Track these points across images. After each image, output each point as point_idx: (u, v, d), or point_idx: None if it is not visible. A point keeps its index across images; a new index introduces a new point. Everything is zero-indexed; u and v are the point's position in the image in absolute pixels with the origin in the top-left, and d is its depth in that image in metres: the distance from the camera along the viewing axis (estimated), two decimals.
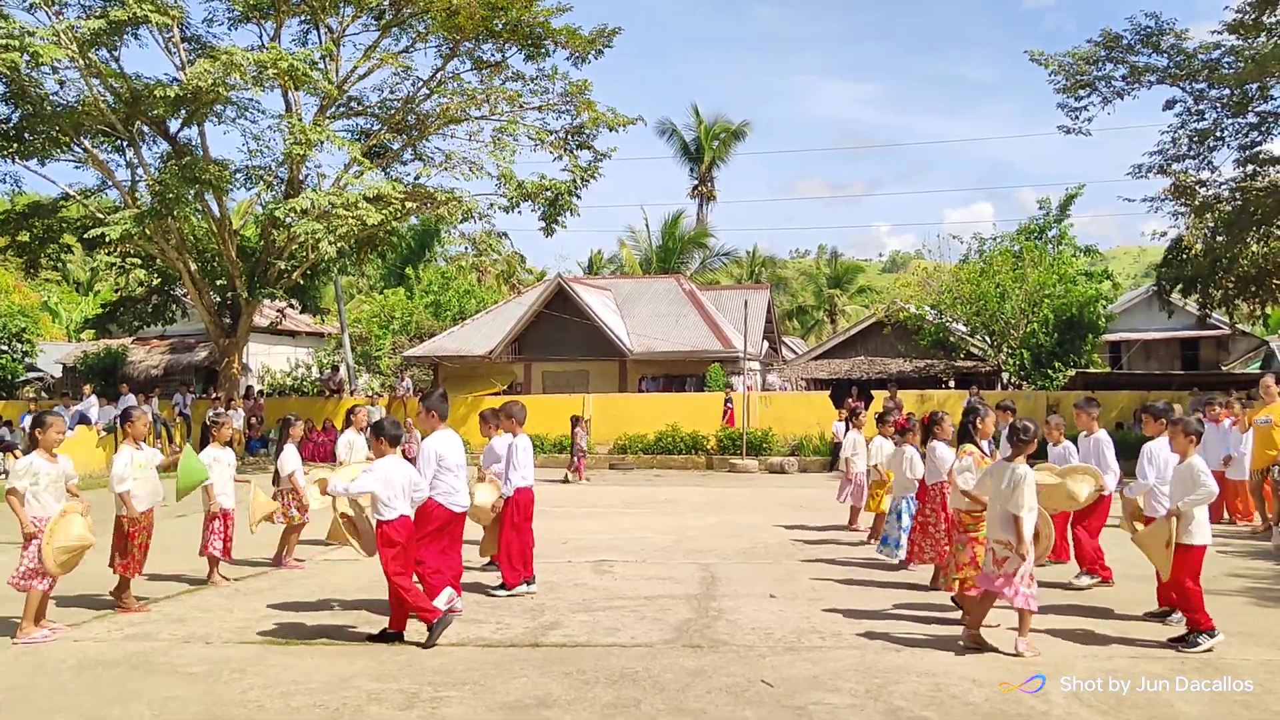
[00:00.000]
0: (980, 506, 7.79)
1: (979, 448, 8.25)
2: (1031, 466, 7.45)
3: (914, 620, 8.21)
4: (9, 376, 32.93)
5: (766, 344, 38.62)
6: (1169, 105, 26.55)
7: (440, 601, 7.85)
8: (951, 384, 32.21)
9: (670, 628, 8.03)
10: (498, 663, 7.05)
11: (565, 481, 21.10)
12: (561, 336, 31.56)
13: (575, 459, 21.72)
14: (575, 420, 22.20)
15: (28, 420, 23.96)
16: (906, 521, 10.44)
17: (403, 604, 7.60)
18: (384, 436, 7.76)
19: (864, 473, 13.20)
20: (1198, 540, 7.39)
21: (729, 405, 26.03)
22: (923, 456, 10.40)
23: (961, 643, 7.31)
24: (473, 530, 10.92)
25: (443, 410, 8.29)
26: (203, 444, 10.45)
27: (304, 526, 11.24)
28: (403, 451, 8.45)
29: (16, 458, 22.83)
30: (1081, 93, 26.46)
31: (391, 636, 7.61)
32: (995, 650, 7.18)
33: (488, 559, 10.35)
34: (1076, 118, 26.85)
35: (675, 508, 16.50)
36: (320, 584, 9.82)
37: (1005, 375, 30.66)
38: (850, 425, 14.34)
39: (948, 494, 8.88)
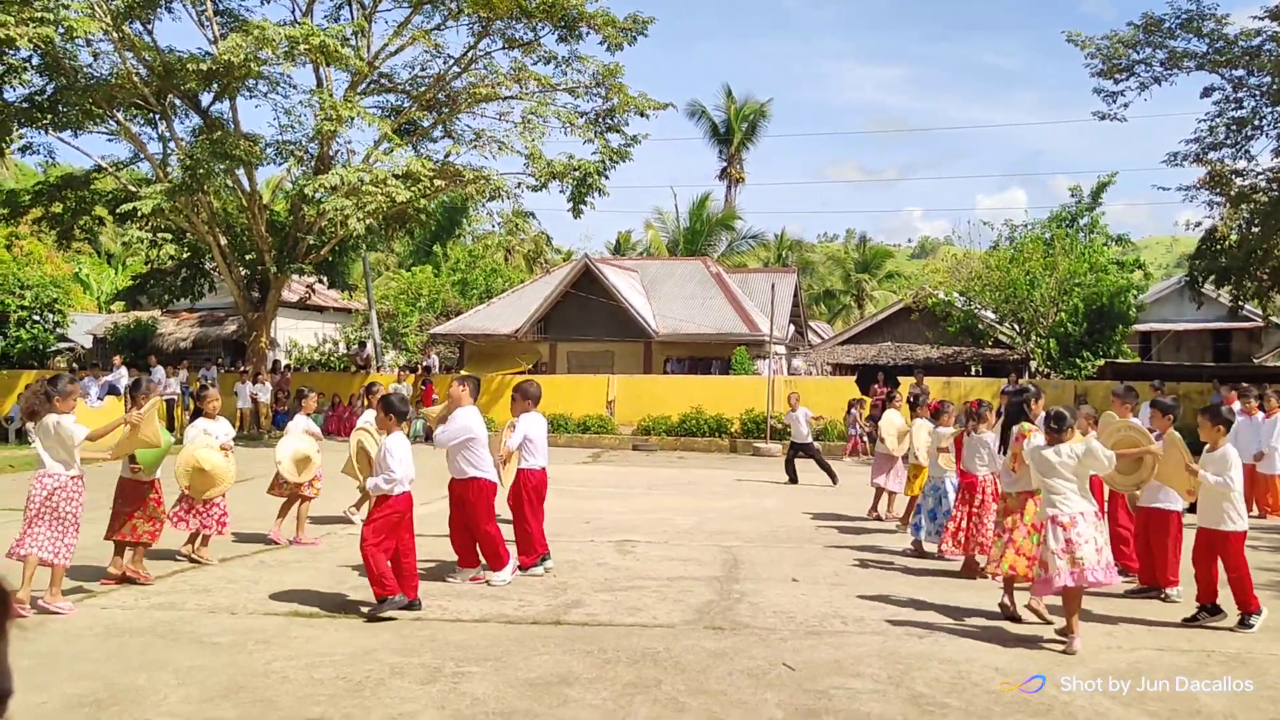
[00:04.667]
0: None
1: (1036, 426, 8.17)
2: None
3: (938, 607, 8.17)
4: (41, 347, 33.25)
5: (793, 328, 38.46)
6: (1207, 92, 26.16)
7: (500, 577, 8.65)
8: (979, 371, 31.99)
9: (692, 609, 8.03)
10: (520, 639, 7.07)
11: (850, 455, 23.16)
12: (587, 317, 31.52)
13: (852, 439, 23.47)
14: (853, 403, 23.70)
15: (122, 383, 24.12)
16: (949, 505, 10.29)
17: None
18: (393, 413, 7.85)
19: (902, 456, 13.06)
20: (1240, 526, 7.52)
21: (427, 384, 25.99)
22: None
23: (1062, 638, 7.16)
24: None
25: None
26: (194, 415, 10.37)
27: (310, 500, 11.16)
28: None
29: None
30: (1118, 77, 26.11)
31: (407, 605, 7.67)
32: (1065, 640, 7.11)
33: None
34: (1112, 103, 26.51)
35: (698, 490, 16.49)
36: (344, 558, 9.87)
37: (1033, 364, 30.41)
38: (886, 407, 14.18)
39: (997, 483, 8.90)
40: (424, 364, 30.12)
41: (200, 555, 9.74)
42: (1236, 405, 14.08)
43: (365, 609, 7.68)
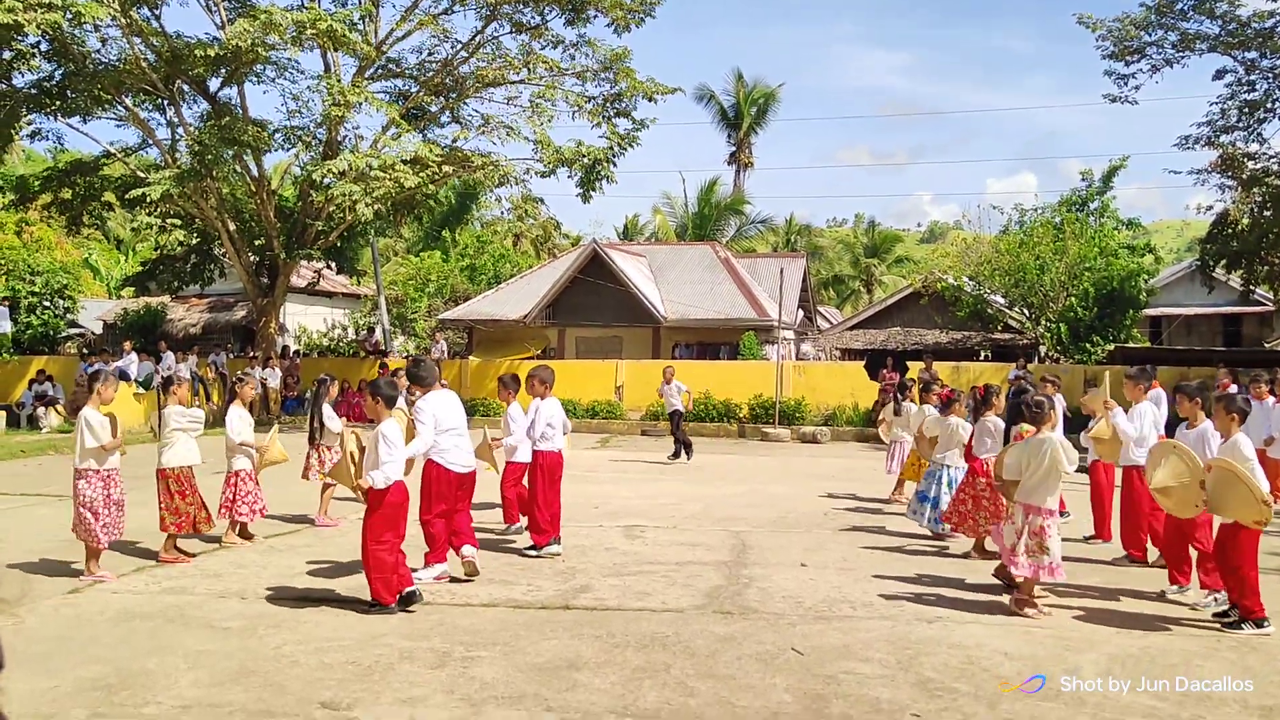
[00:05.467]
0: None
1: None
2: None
3: (947, 591, 8.17)
4: (51, 333, 33.37)
5: (801, 313, 38.39)
6: (1219, 75, 25.99)
7: (429, 575, 8.21)
8: (988, 356, 31.91)
9: (701, 594, 8.03)
10: (529, 624, 7.09)
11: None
12: (596, 302, 31.49)
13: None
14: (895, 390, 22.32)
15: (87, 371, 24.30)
16: (938, 492, 10.34)
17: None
18: (381, 398, 7.59)
19: (908, 441, 13.07)
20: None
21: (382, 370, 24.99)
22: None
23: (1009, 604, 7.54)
24: (495, 495, 10.98)
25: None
26: (229, 402, 10.51)
27: (335, 486, 11.30)
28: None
29: (59, 413, 23.33)
30: (1130, 59, 25.94)
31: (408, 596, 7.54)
32: (1029, 618, 7.30)
33: (518, 523, 10.40)
34: (1124, 85, 26.36)
35: (707, 475, 16.49)
36: (354, 542, 9.85)
37: (1043, 349, 30.33)
38: (901, 396, 14.16)
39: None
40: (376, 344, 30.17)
41: (228, 539, 10.02)
42: (1233, 389, 14.00)
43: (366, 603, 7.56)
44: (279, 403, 26.36)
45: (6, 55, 22.82)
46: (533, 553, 9.28)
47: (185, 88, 25.94)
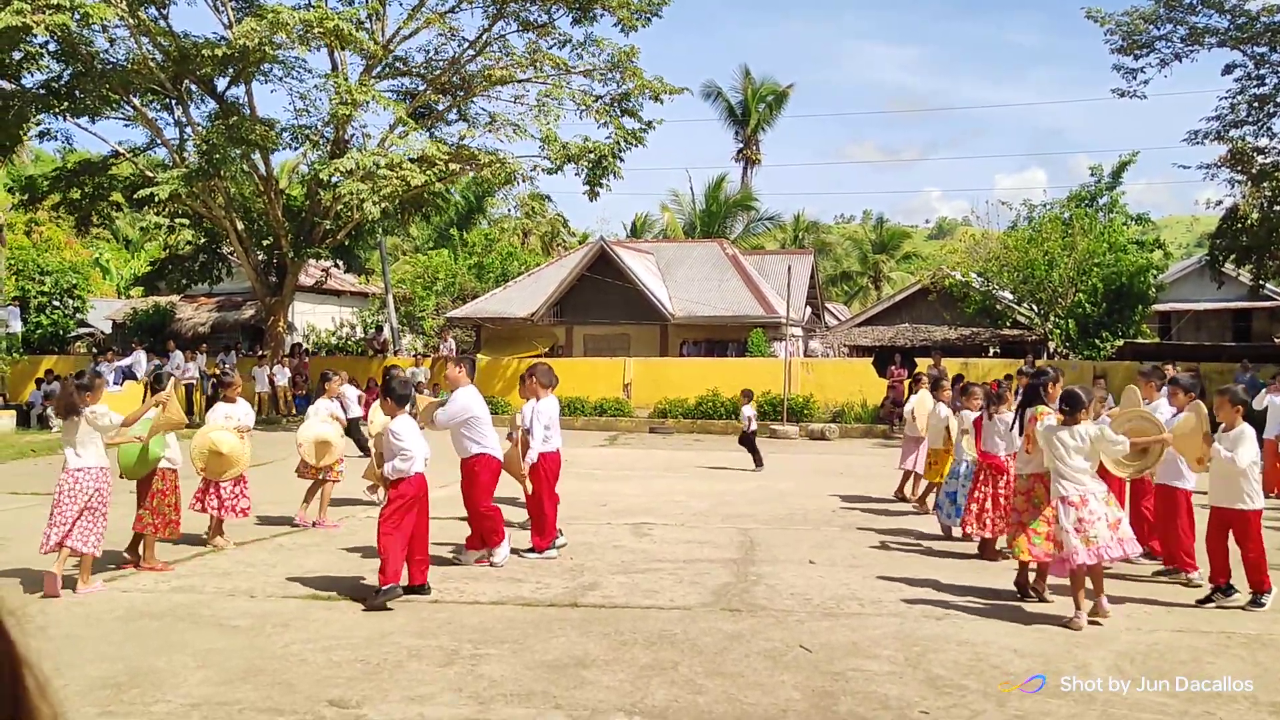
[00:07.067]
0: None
1: (1050, 409, 8.06)
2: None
3: (955, 589, 8.15)
4: (61, 332, 33.48)
5: (809, 310, 38.32)
6: (1228, 70, 25.89)
7: (501, 554, 8.77)
8: (996, 352, 31.83)
9: (709, 591, 8.03)
10: (537, 622, 7.09)
11: None
12: (603, 300, 31.46)
13: None
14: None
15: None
16: (962, 486, 10.27)
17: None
18: (392, 397, 7.91)
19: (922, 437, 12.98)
20: (1257, 504, 7.53)
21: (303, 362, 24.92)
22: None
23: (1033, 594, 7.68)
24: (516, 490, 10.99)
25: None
26: (213, 400, 10.37)
27: (333, 485, 11.20)
28: None
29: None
30: (1138, 53, 25.85)
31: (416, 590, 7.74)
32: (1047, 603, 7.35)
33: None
34: (1132, 80, 26.28)
35: (714, 472, 16.47)
36: (362, 541, 9.90)
37: (1051, 345, 30.23)
38: (913, 390, 14.10)
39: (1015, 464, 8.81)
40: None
41: (213, 540, 9.73)
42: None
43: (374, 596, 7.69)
44: (289, 401, 26.43)
45: (15, 56, 22.87)
46: (533, 555, 9.25)
47: (193, 87, 26.00)
